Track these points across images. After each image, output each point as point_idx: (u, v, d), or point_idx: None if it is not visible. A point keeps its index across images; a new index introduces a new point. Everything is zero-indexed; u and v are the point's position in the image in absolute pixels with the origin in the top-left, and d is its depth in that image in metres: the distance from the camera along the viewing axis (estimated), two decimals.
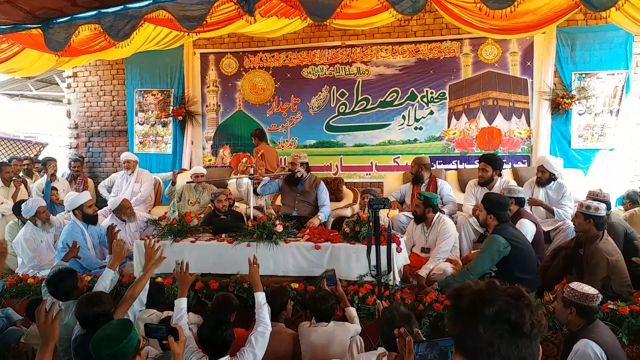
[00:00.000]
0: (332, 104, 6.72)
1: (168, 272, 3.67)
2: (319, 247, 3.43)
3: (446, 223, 3.77)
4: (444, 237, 3.71)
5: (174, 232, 3.70)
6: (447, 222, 3.79)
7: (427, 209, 3.81)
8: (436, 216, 3.84)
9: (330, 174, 6.61)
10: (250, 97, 7.01)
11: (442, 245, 3.68)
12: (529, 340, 1.00)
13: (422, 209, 3.82)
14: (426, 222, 3.87)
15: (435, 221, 3.82)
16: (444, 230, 3.74)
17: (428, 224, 3.86)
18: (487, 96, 6.29)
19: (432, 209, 3.82)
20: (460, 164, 6.35)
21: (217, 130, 7.14)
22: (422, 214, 3.84)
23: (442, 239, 3.71)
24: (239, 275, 3.35)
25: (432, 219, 3.83)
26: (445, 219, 3.83)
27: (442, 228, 3.75)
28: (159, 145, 7.31)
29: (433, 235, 3.81)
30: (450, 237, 3.73)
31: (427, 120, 6.46)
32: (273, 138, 6.96)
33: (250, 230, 3.53)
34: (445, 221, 3.78)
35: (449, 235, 3.72)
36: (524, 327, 0.99)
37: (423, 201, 3.81)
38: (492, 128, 6.30)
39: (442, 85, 6.39)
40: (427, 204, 3.80)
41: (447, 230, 3.73)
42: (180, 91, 7.12)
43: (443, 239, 3.71)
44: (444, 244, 3.69)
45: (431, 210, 3.82)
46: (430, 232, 3.83)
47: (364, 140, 6.65)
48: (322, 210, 4.35)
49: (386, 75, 6.52)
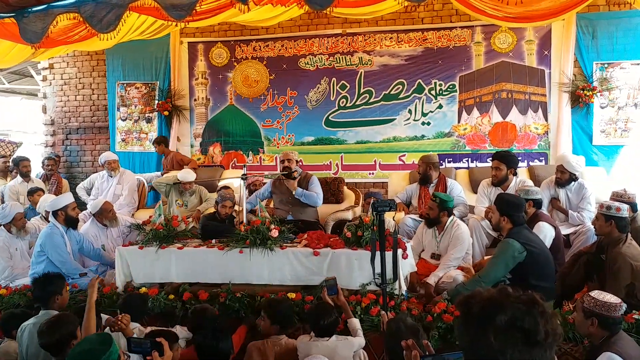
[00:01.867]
0: (332, 98, 6.73)
1: (153, 282, 3.69)
2: (317, 253, 3.43)
3: (460, 228, 3.76)
4: (457, 243, 3.71)
5: (159, 238, 3.70)
6: (462, 227, 3.79)
7: (442, 212, 3.80)
8: (450, 220, 3.83)
9: (330, 174, 6.63)
10: (242, 90, 7.02)
11: (454, 252, 3.68)
12: (543, 350, 1.01)
13: (437, 212, 3.80)
14: (439, 226, 3.86)
15: (449, 225, 3.81)
16: (457, 236, 3.73)
17: (441, 228, 3.86)
18: (500, 88, 6.31)
19: (447, 212, 3.82)
20: (472, 162, 6.37)
21: (207, 126, 7.15)
22: (435, 218, 3.83)
23: (455, 245, 3.71)
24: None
25: (446, 223, 3.82)
26: (459, 224, 3.82)
27: (456, 233, 3.74)
28: (143, 143, 7.32)
29: (445, 241, 3.81)
30: (464, 243, 3.73)
31: (435, 115, 6.48)
32: (267, 134, 6.98)
33: (243, 236, 3.53)
34: (459, 226, 3.78)
35: (463, 241, 3.72)
36: (538, 335, 1.00)
37: (438, 204, 3.79)
38: (506, 123, 6.32)
39: (452, 77, 6.40)
40: (443, 207, 3.79)
41: (461, 237, 3.73)
42: (166, 84, 7.13)
43: (456, 245, 3.71)
44: (456, 250, 3.69)
45: (446, 213, 3.81)
46: (443, 237, 3.83)
47: (366, 136, 6.66)
48: (306, 192, 4.54)
49: (391, 65, 6.53)
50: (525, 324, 1.01)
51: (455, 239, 3.73)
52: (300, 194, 4.55)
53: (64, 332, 2.41)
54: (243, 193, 3.96)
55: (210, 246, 3.66)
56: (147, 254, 3.67)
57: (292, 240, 3.70)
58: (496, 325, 1.02)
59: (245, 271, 3.51)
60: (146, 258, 3.67)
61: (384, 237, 2.95)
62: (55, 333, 2.40)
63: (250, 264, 3.48)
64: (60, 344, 2.38)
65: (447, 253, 3.73)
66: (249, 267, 3.50)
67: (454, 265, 3.66)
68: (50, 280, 3.02)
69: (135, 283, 3.71)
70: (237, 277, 3.51)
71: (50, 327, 2.44)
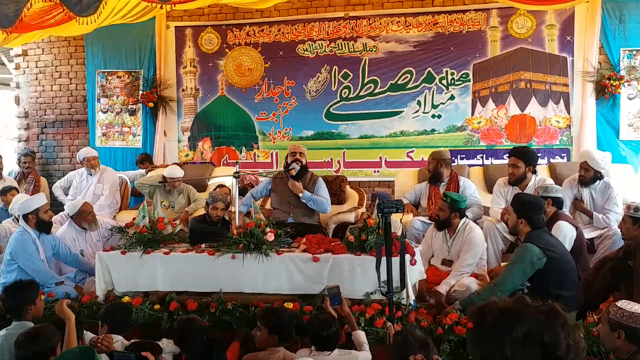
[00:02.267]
0: (334, 88, 6.73)
1: (136, 290, 3.70)
2: (317, 259, 3.44)
3: (474, 232, 3.76)
4: (470, 248, 3.71)
5: (144, 242, 3.71)
6: (476, 230, 3.79)
7: (453, 214, 3.80)
8: (462, 222, 3.83)
9: (331, 172, 6.62)
10: (235, 79, 7.01)
11: (467, 258, 3.68)
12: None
13: (448, 214, 3.81)
14: (450, 229, 3.87)
15: (461, 228, 3.81)
16: (470, 240, 3.73)
17: (452, 232, 3.86)
18: (518, 77, 6.30)
19: (459, 213, 3.82)
20: (487, 159, 6.37)
21: (196, 119, 7.15)
22: (446, 219, 3.83)
23: (468, 250, 3.71)
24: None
25: (458, 226, 3.82)
26: (473, 226, 3.82)
27: (469, 237, 3.74)
28: (126, 138, 7.31)
29: (457, 245, 3.81)
30: (477, 248, 3.73)
31: (447, 107, 6.47)
32: (262, 128, 6.97)
33: (236, 240, 3.53)
34: (473, 229, 3.78)
35: (476, 246, 3.72)
36: (559, 349, 1.00)
37: (449, 204, 3.79)
38: (524, 116, 6.31)
39: (465, 65, 6.40)
40: (454, 208, 3.79)
41: (475, 241, 3.73)
42: (152, 73, 7.12)
43: (468, 250, 3.71)
44: (469, 256, 3.69)
45: (458, 215, 3.82)
46: (454, 241, 3.83)
47: (371, 130, 6.66)
48: (314, 197, 4.57)
49: (398, 52, 6.53)
50: (545, 337, 1.01)
51: (468, 243, 3.73)
52: (309, 198, 4.57)
53: (44, 346, 2.42)
54: (236, 192, 3.97)
55: (199, 251, 3.66)
56: (130, 259, 3.67)
57: (289, 244, 3.71)
58: (513, 338, 1.02)
59: (237, 279, 3.52)
60: (129, 264, 3.67)
61: (390, 242, 2.95)
62: (34, 346, 2.41)
63: (243, 270, 3.49)
64: (39, 357, 2.39)
65: (459, 259, 3.73)
66: (241, 274, 3.50)
67: (467, 272, 3.67)
68: (22, 288, 3.00)
69: (117, 292, 3.71)
70: (229, 286, 3.51)
71: (29, 338, 2.44)
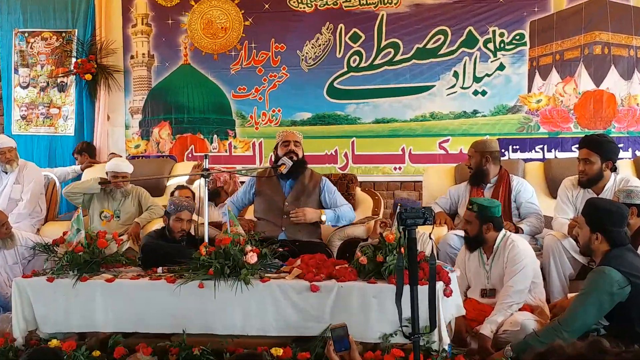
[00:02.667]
0: (339, 54, 6.73)
1: (68, 331, 3.69)
2: (317, 288, 3.41)
3: (517, 247, 3.75)
4: (515, 269, 3.69)
5: (79, 265, 3.68)
6: (519, 244, 3.78)
7: (484, 226, 3.80)
8: (501, 236, 3.83)
9: (336, 169, 6.64)
10: (203, 42, 7.02)
11: (514, 284, 3.66)
12: None
13: (477, 227, 3.80)
14: (485, 247, 3.86)
15: (500, 245, 3.81)
16: (513, 259, 3.71)
17: (489, 251, 3.85)
18: (592, 40, 6.30)
19: (493, 224, 3.82)
20: (549, 151, 6.38)
21: (150, 97, 7.16)
22: (476, 235, 3.83)
23: (513, 273, 3.69)
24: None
25: (495, 242, 3.82)
26: (515, 239, 3.81)
27: (511, 255, 3.73)
28: (54, 123, 7.32)
29: (498, 268, 3.80)
30: (525, 268, 3.71)
31: (494, 81, 6.48)
32: (241, 109, 6.98)
33: (205, 262, 3.52)
34: (515, 243, 3.77)
35: (524, 266, 3.70)
36: None
37: (477, 213, 3.79)
38: (600, 92, 6.32)
39: (520, 23, 6.40)
40: (484, 217, 3.78)
41: (519, 257, 3.71)
42: (89, 33, 7.13)
43: (513, 272, 3.69)
44: (515, 280, 3.67)
45: (491, 227, 3.81)
46: (494, 262, 3.82)
47: (390, 112, 6.67)
48: (337, 210, 4.57)
49: (427, 5, 6.53)
50: None
51: (511, 262, 3.72)
52: (333, 217, 4.57)
53: None
54: (205, 197, 3.96)
55: (154, 277, 3.64)
56: (59, 289, 3.65)
57: (278, 268, 3.70)
58: None
59: (207, 315, 3.50)
60: (58, 295, 3.65)
61: (416, 265, 2.94)
62: None
63: (215, 304, 3.46)
64: None
65: (505, 286, 3.72)
66: (213, 309, 3.49)
67: (518, 302, 3.65)
68: None
69: (41, 333, 3.69)
70: (196, 325, 3.50)
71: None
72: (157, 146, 7.16)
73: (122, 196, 5.45)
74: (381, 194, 5.62)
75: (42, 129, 7.34)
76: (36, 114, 7.35)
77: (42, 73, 7.32)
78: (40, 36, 7.30)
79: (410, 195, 5.77)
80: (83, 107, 7.21)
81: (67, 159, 7.09)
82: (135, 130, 7.22)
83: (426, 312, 3.08)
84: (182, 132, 7.13)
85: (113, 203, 5.45)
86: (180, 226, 4.37)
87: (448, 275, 3.49)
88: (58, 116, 7.31)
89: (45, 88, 7.33)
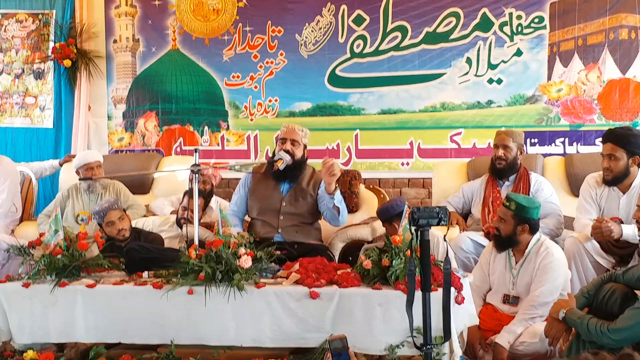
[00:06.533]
0: (341, 39, 6.73)
1: (46, 342, 3.69)
2: (316, 294, 3.42)
3: (552, 255, 3.75)
4: (545, 278, 3.70)
5: (57, 270, 3.69)
6: (556, 253, 3.78)
7: (520, 227, 3.79)
8: (535, 241, 3.83)
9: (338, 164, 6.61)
10: (193, 25, 7.01)
11: (542, 294, 3.67)
12: None
13: (512, 227, 3.79)
14: (516, 249, 3.87)
15: (533, 250, 3.81)
16: (546, 268, 3.72)
17: (519, 254, 3.86)
18: (618, 23, 6.28)
19: (530, 227, 3.81)
20: (570, 144, 6.38)
21: (135, 85, 7.16)
22: (510, 236, 3.82)
23: (543, 283, 3.70)
24: None
25: (528, 246, 3.83)
26: (551, 247, 3.81)
27: (544, 263, 3.73)
28: (30, 113, 7.31)
29: (526, 275, 3.80)
30: (556, 280, 3.72)
31: (510, 68, 6.47)
32: (235, 99, 6.98)
33: (195, 266, 3.53)
34: (550, 251, 3.77)
35: (555, 276, 3.71)
36: None
37: (515, 212, 3.78)
38: (626, 81, 6.31)
39: (539, 4, 6.39)
40: (522, 218, 3.77)
41: (551, 267, 3.72)
42: (68, 15, 7.13)
43: (543, 282, 3.70)
44: (544, 291, 3.68)
45: (527, 229, 3.80)
46: (523, 268, 3.83)
47: (397, 102, 6.67)
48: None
49: None
50: None
51: (543, 271, 3.72)
52: (339, 201, 4.53)
53: None
54: (195, 195, 3.96)
55: (140, 283, 3.65)
56: (36, 295, 3.65)
57: (274, 273, 3.71)
58: None
59: (197, 325, 3.51)
60: (35, 302, 3.65)
61: (429, 269, 2.93)
62: None
63: (206, 312, 3.47)
64: None
65: (530, 295, 3.73)
66: (203, 317, 3.49)
67: (541, 315, 3.65)
68: None
69: (16, 344, 3.69)
70: (185, 335, 3.50)
71: None
72: (143, 139, 7.16)
73: (102, 188, 5.43)
74: (386, 192, 5.61)
75: (16, 121, 7.34)
76: (10, 104, 7.34)
77: (16, 59, 7.31)
78: (15, 18, 7.29)
79: (401, 198, 5.65)
80: (62, 96, 7.21)
81: (45, 153, 7.10)
82: (119, 121, 7.21)
83: (438, 322, 3.08)
84: (170, 124, 7.12)
85: (89, 203, 5.42)
86: (116, 228, 4.42)
87: (460, 281, 3.48)
88: (35, 106, 7.30)
89: (21, 75, 7.32)
